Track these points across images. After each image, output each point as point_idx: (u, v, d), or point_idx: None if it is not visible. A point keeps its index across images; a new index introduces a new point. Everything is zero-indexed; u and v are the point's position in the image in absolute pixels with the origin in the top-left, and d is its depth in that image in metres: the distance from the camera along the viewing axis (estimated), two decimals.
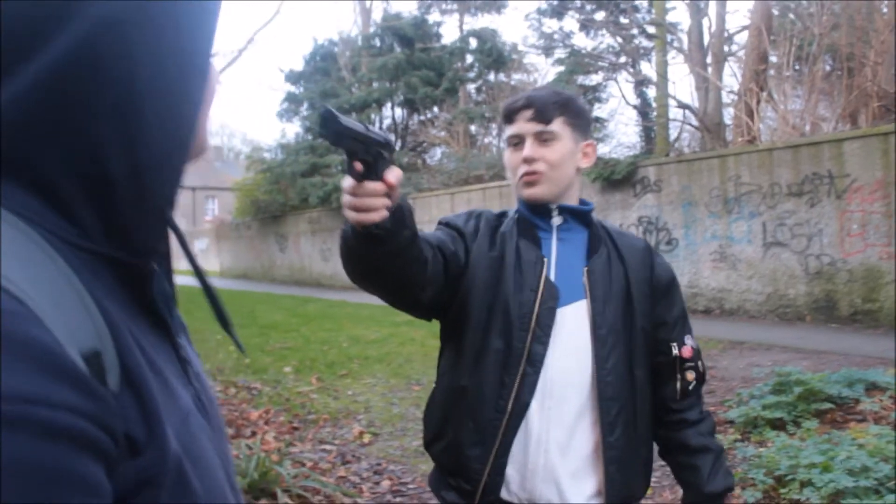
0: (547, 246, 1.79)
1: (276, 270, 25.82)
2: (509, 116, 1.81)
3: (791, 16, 16.31)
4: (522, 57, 22.41)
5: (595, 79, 19.30)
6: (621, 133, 27.10)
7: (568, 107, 1.78)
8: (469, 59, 23.40)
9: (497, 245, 1.79)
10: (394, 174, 1.33)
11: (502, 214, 1.88)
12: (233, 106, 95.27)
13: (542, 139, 1.76)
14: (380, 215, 1.34)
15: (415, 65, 22.52)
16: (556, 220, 1.81)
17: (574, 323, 1.72)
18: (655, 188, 12.85)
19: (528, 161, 1.75)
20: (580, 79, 18.07)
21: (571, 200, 1.83)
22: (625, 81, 21.89)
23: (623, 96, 26.17)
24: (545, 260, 1.76)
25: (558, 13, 18.19)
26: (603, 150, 17.67)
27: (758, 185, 11.36)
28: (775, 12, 15.59)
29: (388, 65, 22.57)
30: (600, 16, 18.31)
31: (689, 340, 1.84)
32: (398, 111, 24.96)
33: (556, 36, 18.43)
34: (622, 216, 13.23)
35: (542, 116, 1.75)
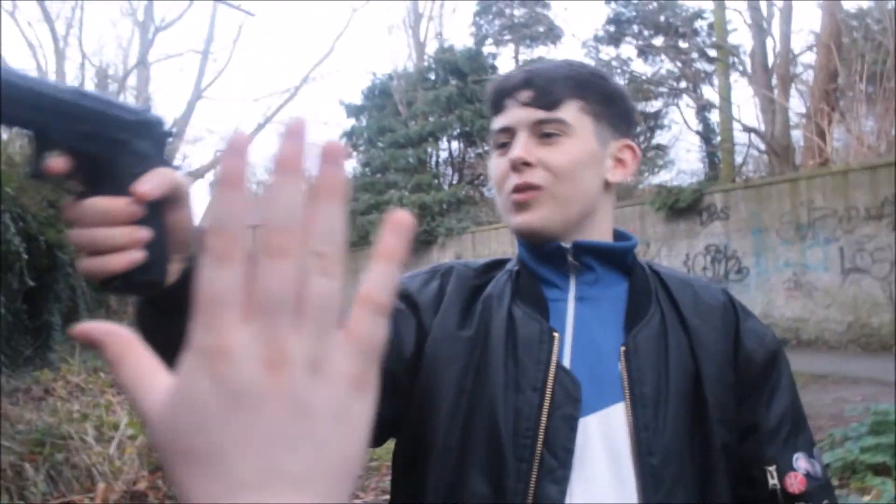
0: (559, 312, 1.11)
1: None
2: (498, 101, 1.15)
3: (855, 34, 15.82)
4: None
5: (655, 105, 18.96)
6: (683, 160, 26.65)
7: (589, 86, 1.13)
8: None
9: (475, 318, 1.12)
10: (156, 180, 0.69)
11: (494, 265, 1.21)
12: None
13: (544, 133, 1.09)
14: (125, 260, 0.68)
15: (468, 97, 22.47)
16: (574, 266, 1.12)
17: (607, 443, 1.03)
18: (723, 215, 12.59)
19: (516, 167, 1.09)
20: (641, 105, 17.76)
21: (598, 234, 1.14)
22: (686, 106, 21.55)
23: (685, 122, 25.73)
24: (556, 336, 1.08)
25: (615, 40, 17.99)
26: (664, 177, 17.30)
27: (833, 209, 10.98)
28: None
29: (440, 97, 22.54)
30: (659, 41, 18.04)
31: (801, 462, 1.08)
32: (454, 144, 24.94)
33: (613, 63, 18.17)
34: (689, 245, 12.95)
35: (545, 97, 1.10)
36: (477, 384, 1.06)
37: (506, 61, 25.21)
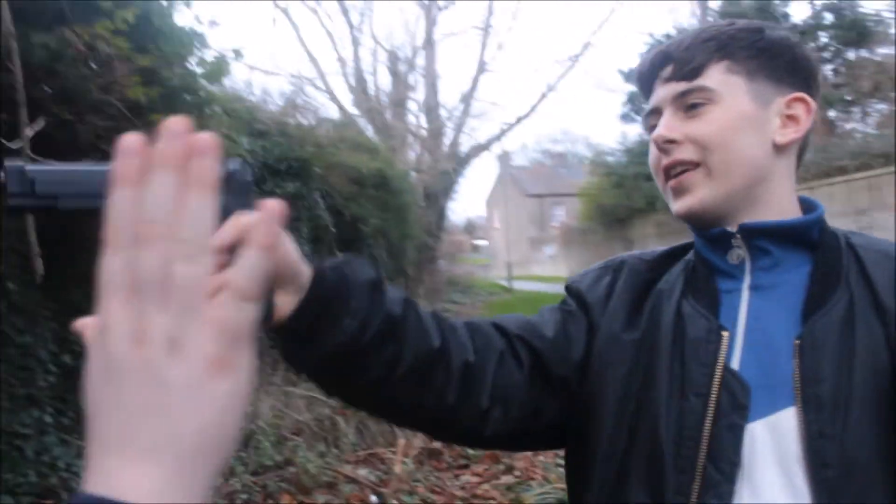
0: (732, 305, 1.00)
1: None
2: (645, 86, 1.09)
3: None
4: (889, 27, 19.91)
5: None
6: None
7: (735, 42, 1.02)
8: (824, 37, 21.33)
9: (643, 317, 1.04)
10: (228, 230, 0.64)
11: (671, 255, 1.12)
12: (574, 112, 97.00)
13: (689, 106, 1.01)
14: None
15: None
16: (738, 255, 1.01)
17: (777, 453, 0.89)
18: None
19: (662, 147, 1.01)
20: None
21: (775, 206, 1.02)
22: None
23: None
24: (724, 334, 0.96)
25: None
26: None
27: None
28: None
29: None
30: None
31: None
32: None
33: None
34: None
35: (685, 67, 1.01)
36: (643, 389, 0.99)
37: (800, 8, 23.21)
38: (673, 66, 1.03)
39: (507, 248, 37.50)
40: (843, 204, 14.88)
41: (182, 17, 4.62)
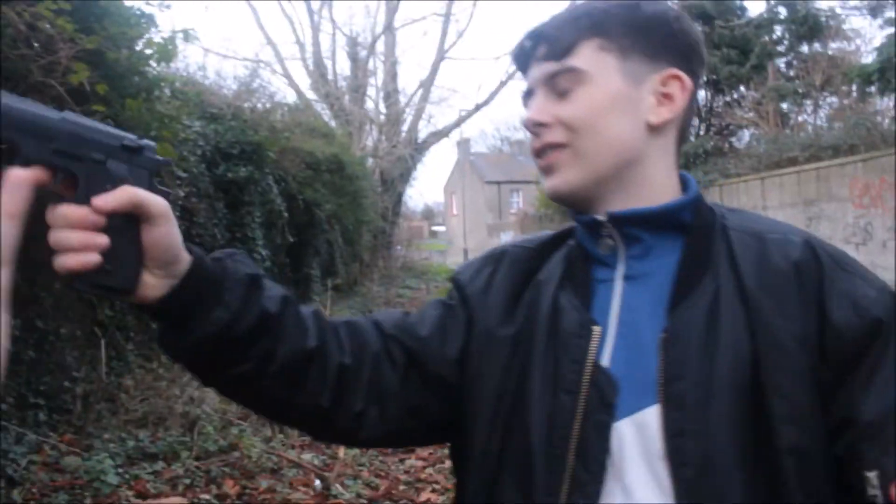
0: (605, 297, 0.96)
1: None
2: (522, 66, 1.03)
3: None
4: (842, 22, 20.27)
5: None
6: None
7: (610, 18, 0.96)
8: (778, 30, 21.65)
9: (521, 310, 1.00)
10: (116, 196, 0.75)
11: (556, 240, 1.07)
12: None
13: (559, 88, 0.96)
14: (77, 261, 0.73)
15: (715, 43, 21.25)
16: (608, 244, 0.97)
17: (644, 451, 0.87)
18: None
19: (531, 129, 0.97)
20: None
21: (650, 187, 0.97)
22: None
23: None
24: (595, 329, 0.92)
25: None
26: None
27: None
28: None
29: None
30: None
31: None
32: (701, 93, 23.81)
33: None
34: None
35: (556, 46, 0.96)
36: (519, 385, 0.95)
37: (756, 3, 23.45)
38: (545, 46, 0.97)
39: (464, 234, 37.59)
40: (793, 194, 15.17)
41: None
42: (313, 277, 10.91)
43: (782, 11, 21.27)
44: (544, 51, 0.97)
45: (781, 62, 22.05)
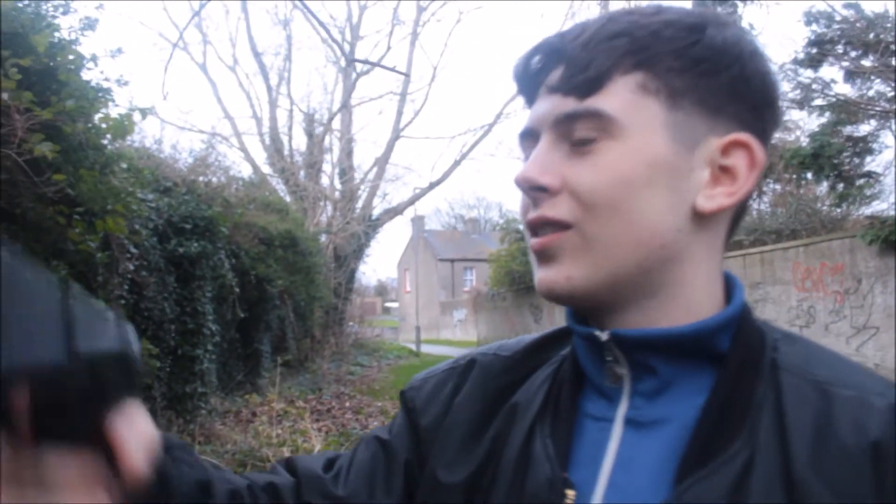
0: (596, 444, 0.69)
1: None
2: (526, 87, 0.73)
3: None
4: (782, 114, 21.05)
5: (865, 129, 17.70)
6: None
7: (658, 45, 0.66)
8: None
9: (481, 446, 0.76)
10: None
11: (543, 345, 0.83)
12: (488, 179, 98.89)
13: (575, 137, 0.67)
14: None
15: None
16: (616, 372, 0.69)
17: None
18: None
19: (527, 191, 0.69)
20: (847, 129, 16.66)
21: (685, 298, 0.69)
22: None
23: None
24: (569, 494, 0.67)
25: (817, 61, 16.99)
26: (878, 207, 15.96)
27: None
28: None
29: None
30: (867, 61, 16.87)
31: None
32: None
33: (814, 86, 17.17)
34: None
35: (580, 74, 0.66)
36: None
37: None
38: (563, 70, 0.68)
39: (416, 311, 37.56)
40: (740, 276, 15.42)
41: (89, 73, 4.56)
42: (263, 353, 10.78)
43: None
44: (561, 77, 0.68)
45: None
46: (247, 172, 18.01)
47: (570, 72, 0.67)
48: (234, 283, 9.01)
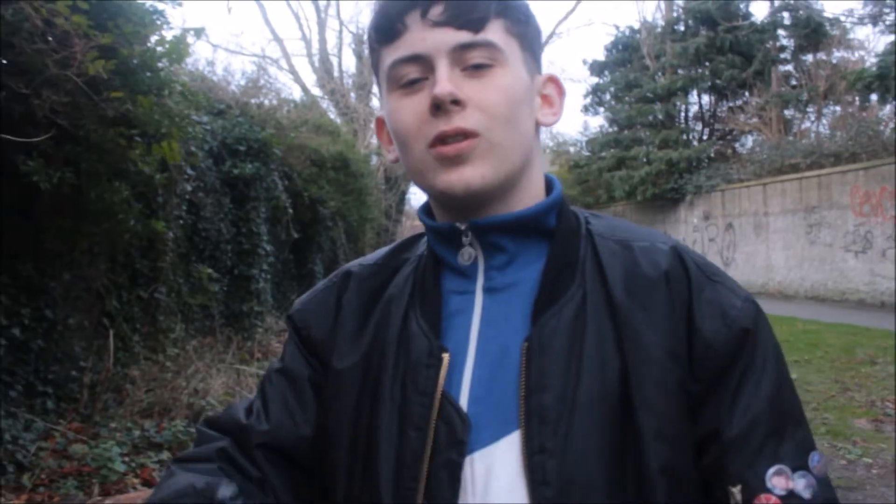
0: (463, 312, 0.87)
1: None
2: (392, 23, 0.84)
3: None
4: (846, 32, 20.28)
5: None
6: None
7: (512, 3, 0.86)
8: (782, 37, 21.68)
9: (367, 332, 0.91)
10: None
11: (404, 248, 0.99)
12: None
13: (472, 64, 0.82)
14: None
15: (719, 48, 21.30)
16: (469, 254, 0.87)
17: (504, 480, 0.79)
18: None
19: (443, 106, 0.80)
20: None
21: (533, 189, 0.89)
22: None
23: None
24: (444, 356, 0.84)
25: None
26: None
27: None
28: None
29: (689, 49, 21.56)
30: None
31: (779, 479, 0.76)
32: (705, 98, 23.87)
33: (888, 0, 16.38)
34: None
35: (467, 14, 0.81)
36: (370, 423, 0.86)
37: (761, 7, 23.50)
38: (445, 8, 0.81)
39: None
40: (795, 201, 15.21)
41: None
42: (316, 274, 10.98)
43: (786, 18, 21.24)
44: (443, 12, 0.81)
45: (785, 69, 22.03)
46: (297, 95, 18.03)
47: (456, 10, 0.81)
48: (288, 205, 9.15)
